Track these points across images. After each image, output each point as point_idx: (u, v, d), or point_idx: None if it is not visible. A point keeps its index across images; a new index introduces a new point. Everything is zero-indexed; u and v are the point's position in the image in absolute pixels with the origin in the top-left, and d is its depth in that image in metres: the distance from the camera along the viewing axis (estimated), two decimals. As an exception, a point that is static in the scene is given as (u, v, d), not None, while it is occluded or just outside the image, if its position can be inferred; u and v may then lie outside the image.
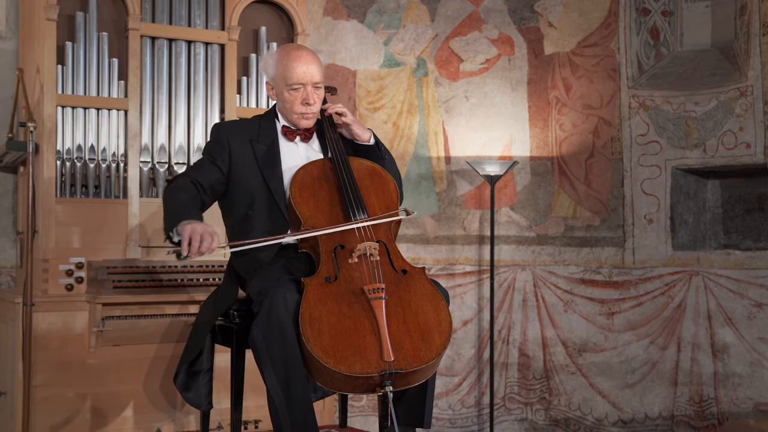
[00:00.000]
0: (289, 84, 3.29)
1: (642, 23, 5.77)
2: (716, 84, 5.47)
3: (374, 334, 2.84)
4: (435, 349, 2.89)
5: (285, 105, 3.35)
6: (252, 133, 3.37)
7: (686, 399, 5.51)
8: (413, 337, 2.89)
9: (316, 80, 3.31)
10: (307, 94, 3.31)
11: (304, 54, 3.32)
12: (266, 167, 3.30)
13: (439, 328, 2.93)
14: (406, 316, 2.93)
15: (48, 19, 4.71)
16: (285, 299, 2.91)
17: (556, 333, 5.92)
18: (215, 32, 5.17)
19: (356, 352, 2.81)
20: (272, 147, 3.35)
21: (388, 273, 3.03)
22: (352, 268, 3.01)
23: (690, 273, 5.53)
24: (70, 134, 4.80)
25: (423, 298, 3.00)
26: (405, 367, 2.81)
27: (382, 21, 6.15)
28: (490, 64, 6.12)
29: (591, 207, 5.88)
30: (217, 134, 3.40)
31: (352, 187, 3.20)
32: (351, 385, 2.84)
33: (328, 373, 2.81)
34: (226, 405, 4.38)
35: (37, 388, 4.51)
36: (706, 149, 5.50)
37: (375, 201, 3.26)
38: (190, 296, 4.78)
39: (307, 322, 2.85)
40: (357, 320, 2.87)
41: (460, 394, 6.06)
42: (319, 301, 2.89)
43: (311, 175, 3.26)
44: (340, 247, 3.07)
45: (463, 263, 6.10)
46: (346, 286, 2.96)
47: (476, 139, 6.11)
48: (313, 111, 3.35)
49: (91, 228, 4.78)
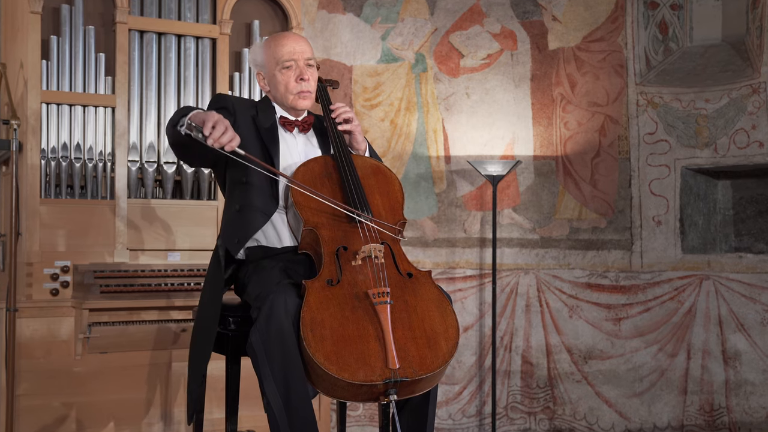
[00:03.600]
0: (280, 63, 3.34)
1: (650, 17, 5.78)
2: (727, 80, 5.48)
3: (378, 341, 2.83)
4: (442, 356, 2.87)
5: (279, 88, 3.36)
6: (252, 111, 3.39)
7: (696, 408, 5.51)
8: (419, 343, 2.87)
9: (308, 56, 3.37)
10: (300, 70, 3.35)
11: (291, 34, 3.43)
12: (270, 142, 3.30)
13: (446, 335, 2.92)
14: (412, 321, 2.91)
15: (32, 11, 4.70)
16: (285, 304, 2.89)
17: (560, 339, 5.92)
18: (206, 26, 5.16)
19: (360, 359, 2.79)
20: (273, 128, 3.35)
21: (393, 276, 3.01)
22: (356, 270, 2.99)
23: (700, 277, 5.53)
24: (55, 132, 4.79)
25: (429, 303, 2.99)
26: (410, 375, 2.80)
27: (379, 14, 6.15)
28: (491, 59, 6.12)
29: (597, 208, 5.88)
30: (223, 101, 3.39)
31: (355, 185, 3.19)
32: (354, 393, 2.82)
33: (330, 380, 2.79)
34: (219, 415, 4.37)
35: (21, 398, 4.49)
36: (717, 148, 5.51)
37: (379, 200, 3.24)
38: (182, 301, 4.76)
39: (309, 326, 2.83)
40: (361, 325, 2.86)
41: (460, 403, 6.05)
42: (321, 305, 2.88)
43: (313, 172, 3.24)
44: (343, 248, 3.06)
45: (463, 267, 6.09)
46: (349, 290, 2.94)
47: (477, 138, 6.11)
48: (309, 88, 3.37)
49: (76, 230, 4.77)
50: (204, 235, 5.04)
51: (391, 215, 3.25)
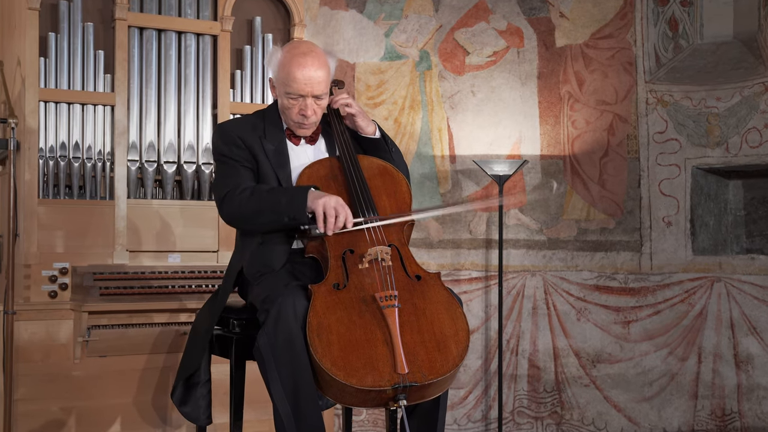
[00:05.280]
0: (287, 93, 3.24)
1: (660, 14, 5.77)
2: (739, 78, 5.48)
3: (387, 345, 2.83)
4: (452, 360, 2.88)
5: (284, 110, 3.33)
6: (259, 131, 3.34)
7: (707, 413, 5.51)
8: (428, 347, 2.87)
9: (317, 93, 3.23)
10: (305, 106, 3.24)
11: (309, 61, 3.20)
12: (278, 167, 3.28)
13: (456, 338, 2.93)
14: (421, 325, 2.91)
15: (30, 8, 4.69)
16: (294, 306, 2.89)
17: (568, 343, 5.92)
18: (207, 22, 5.16)
19: (368, 364, 2.79)
20: (280, 147, 3.33)
21: (401, 279, 3.01)
22: (363, 274, 3.00)
23: (711, 279, 5.53)
24: (53, 131, 4.78)
25: (438, 306, 2.99)
26: (420, 380, 2.80)
27: (382, 11, 6.14)
28: (497, 57, 6.12)
29: (605, 209, 5.88)
30: (228, 136, 3.33)
31: (361, 186, 3.19)
32: (362, 399, 2.83)
33: (338, 386, 2.79)
34: (222, 420, 4.37)
35: (19, 402, 4.49)
36: (728, 147, 5.50)
37: (386, 202, 3.24)
38: (182, 304, 4.76)
39: (315, 331, 2.83)
40: (368, 330, 2.86)
41: (466, 407, 6.05)
42: (327, 310, 2.88)
43: (318, 174, 3.24)
44: (350, 251, 3.06)
45: (469, 269, 6.09)
46: (356, 294, 2.94)
47: (483, 137, 6.11)
48: (310, 122, 3.31)
49: (75, 231, 4.77)
50: (205, 236, 5.03)
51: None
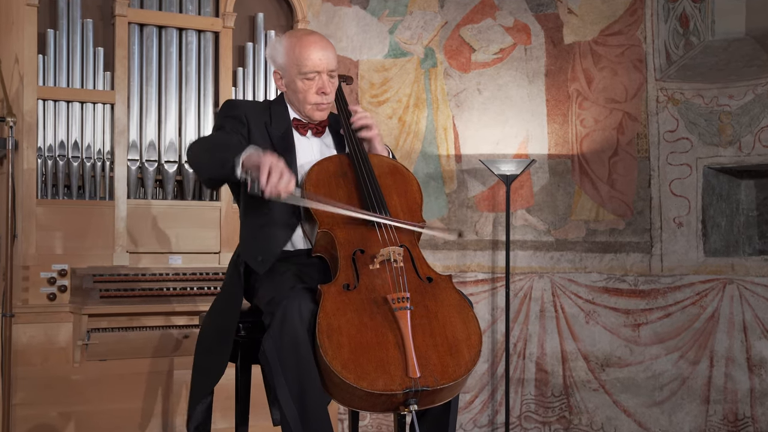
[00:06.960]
0: (303, 72, 3.26)
1: (670, 10, 5.77)
2: (752, 76, 5.47)
3: (398, 348, 2.81)
4: (464, 364, 2.86)
5: (297, 95, 3.32)
6: (265, 116, 3.34)
7: (720, 418, 5.50)
8: (441, 351, 2.86)
9: (332, 68, 3.29)
10: (323, 83, 3.28)
11: (318, 39, 3.30)
12: (283, 150, 3.26)
13: (468, 342, 2.91)
14: (433, 328, 2.90)
15: (28, 4, 4.70)
16: (300, 309, 2.87)
17: (576, 346, 5.91)
18: (209, 19, 5.16)
19: (379, 367, 2.77)
20: (286, 134, 3.32)
21: (412, 281, 3.00)
22: (374, 275, 2.98)
23: (723, 281, 5.53)
24: (51, 130, 4.78)
25: (451, 309, 2.97)
26: (432, 384, 2.78)
27: (386, 7, 6.14)
28: (504, 54, 6.12)
29: (615, 209, 5.88)
30: (234, 110, 3.34)
31: (372, 185, 3.17)
32: (372, 403, 2.81)
33: (348, 389, 2.78)
34: (223, 425, 4.36)
35: (17, 407, 4.49)
36: (741, 147, 5.50)
37: (397, 201, 3.23)
38: (184, 306, 4.76)
39: (325, 333, 2.81)
40: (379, 332, 2.84)
41: (472, 412, 6.04)
42: (337, 311, 2.86)
43: (327, 172, 3.22)
44: (360, 251, 3.04)
45: (475, 270, 6.09)
46: (367, 295, 2.93)
47: (489, 136, 6.10)
48: (328, 101, 3.32)
49: (74, 232, 4.76)
50: (206, 237, 5.03)
51: (409, 216, 3.22)
